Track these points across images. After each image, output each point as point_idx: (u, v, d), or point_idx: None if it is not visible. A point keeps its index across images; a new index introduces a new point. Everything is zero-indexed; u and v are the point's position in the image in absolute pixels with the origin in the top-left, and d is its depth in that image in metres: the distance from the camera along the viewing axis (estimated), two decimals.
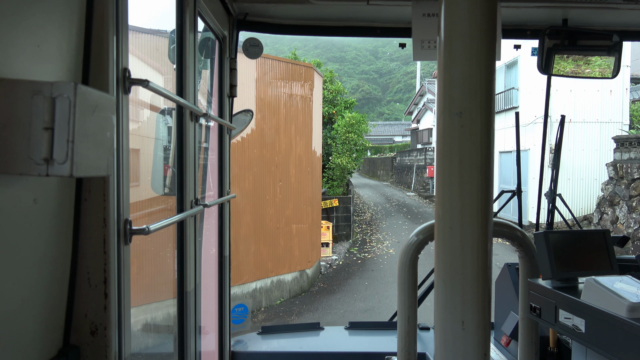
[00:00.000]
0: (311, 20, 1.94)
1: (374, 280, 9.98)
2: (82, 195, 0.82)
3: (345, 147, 15.44)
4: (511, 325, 1.96)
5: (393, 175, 36.49)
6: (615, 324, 1.10)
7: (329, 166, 15.53)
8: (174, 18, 1.32)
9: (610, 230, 1.48)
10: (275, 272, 8.95)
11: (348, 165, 15.24)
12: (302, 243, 9.73)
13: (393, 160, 37.09)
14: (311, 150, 10.04)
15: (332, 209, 13.31)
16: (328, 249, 11.73)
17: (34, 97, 0.57)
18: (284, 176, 9.22)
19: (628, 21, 1.91)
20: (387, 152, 43.98)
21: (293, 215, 9.50)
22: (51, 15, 0.71)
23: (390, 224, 17.25)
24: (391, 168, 37.39)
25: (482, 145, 0.76)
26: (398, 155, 35.72)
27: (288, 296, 9.20)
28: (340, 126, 15.54)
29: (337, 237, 13.44)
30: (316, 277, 10.44)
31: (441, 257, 0.80)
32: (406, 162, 32.68)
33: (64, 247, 0.79)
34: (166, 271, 1.80)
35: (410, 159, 31.60)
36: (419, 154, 29.70)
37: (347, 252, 12.73)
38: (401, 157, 34.59)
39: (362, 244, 13.67)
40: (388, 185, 35.34)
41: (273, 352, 2.16)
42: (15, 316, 0.68)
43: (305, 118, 9.63)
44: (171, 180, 1.51)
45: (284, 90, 9.14)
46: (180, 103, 1.26)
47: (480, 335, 0.79)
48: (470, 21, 0.75)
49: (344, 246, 13.27)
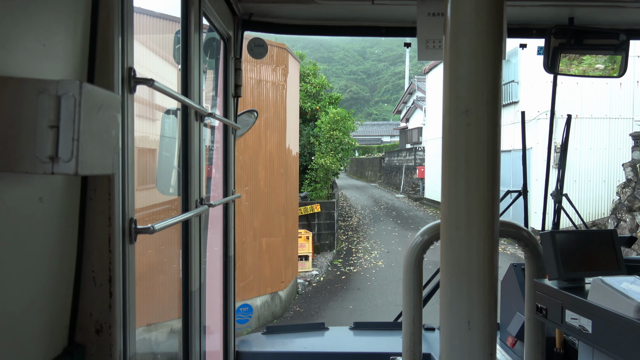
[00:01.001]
0: (316, 20, 2.02)
1: (360, 303, 8.42)
2: (88, 193, 0.85)
3: (329, 146, 14.73)
4: (517, 326, 1.98)
5: (381, 176, 36.66)
6: (623, 325, 1.12)
7: (311, 167, 14.93)
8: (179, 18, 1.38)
9: (617, 230, 1.48)
10: (240, 296, 7.96)
11: (332, 165, 14.55)
12: (274, 260, 8.79)
13: (381, 161, 37.30)
14: (285, 148, 9.18)
15: (313, 216, 11.90)
16: (307, 263, 10.04)
17: (40, 95, 0.59)
18: (251, 180, 8.27)
19: (635, 20, 1.98)
20: (375, 153, 45.49)
21: (263, 226, 8.56)
22: (57, 15, 0.75)
23: (378, 230, 16.78)
24: (379, 169, 37.62)
25: (488, 143, 0.77)
26: (386, 155, 35.93)
27: (257, 324, 8.28)
28: (324, 123, 14.94)
29: (318, 247, 12.86)
30: (292, 299, 9.61)
31: (447, 257, 0.80)
32: (395, 163, 32.74)
33: (70, 245, 0.83)
34: (171, 270, 1.74)
35: (399, 160, 31.52)
36: (408, 154, 29.41)
37: (329, 265, 12.08)
38: (390, 158, 34.61)
39: (347, 255, 13.02)
40: (376, 186, 35.12)
41: (278, 352, 2.22)
42: (21, 314, 0.71)
43: (277, 110, 8.82)
44: (177, 180, 1.52)
45: (250, 75, 8.33)
46: (185, 103, 1.33)
47: (487, 335, 0.80)
48: (477, 20, 0.75)
49: (326, 258, 12.65)
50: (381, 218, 18.87)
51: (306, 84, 16.24)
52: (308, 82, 16.17)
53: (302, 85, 16.25)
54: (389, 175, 33.60)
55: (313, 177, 14.84)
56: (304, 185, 15.33)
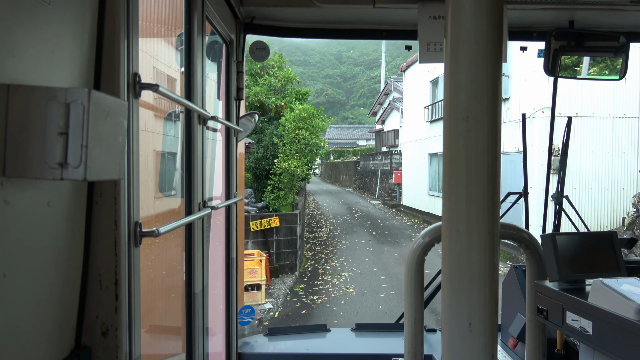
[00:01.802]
0: (317, 24, 2.13)
1: None
2: (94, 198, 0.91)
3: (294, 148, 13.12)
4: (518, 327, 2.07)
5: (356, 181, 36.81)
6: (623, 326, 1.18)
7: (274, 171, 13.43)
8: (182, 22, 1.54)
9: (617, 232, 1.57)
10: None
11: (298, 170, 12.85)
12: None
13: (356, 165, 37.54)
14: None
15: (271, 231, 9.80)
16: (260, 294, 8.04)
17: (49, 102, 0.64)
18: None
19: (635, 22, 2.09)
20: (350, 157, 46.27)
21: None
22: (64, 22, 0.81)
23: (351, 243, 15.30)
24: (354, 173, 37.97)
25: (488, 148, 0.81)
26: (362, 159, 36.00)
27: None
28: (289, 121, 13.44)
29: (277, 269, 11.15)
30: None
31: (448, 259, 0.85)
32: (370, 167, 32.47)
33: (76, 249, 0.89)
34: (175, 273, 1.83)
35: (375, 163, 31.09)
36: (384, 157, 28.96)
37: (289, 293, 10.14)
38: (365, 162, 34.40)
39: (312, 278, 11.20)
40: (351, 191, 34.93)
41: (279, 353, 2.30)
42: (28, 317, 0.76)
43: None
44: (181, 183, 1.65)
45: None
46: (188, 106, 1.42)
47: (488, 336, 0.83)
48: (477, 24, 0.79)
49: (286, 283, 10.75)
50: (354, 229, 16.93)
51: (270, 76, 14.88)
52: (272, 75, 15.07)
53: (266, 79, 15.37)
54: (364, 180, 33.81)
55: (276, 184, 13.41)
56: (266, 193, 13.64)
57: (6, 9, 0.65)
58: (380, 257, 12.86)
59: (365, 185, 32.82)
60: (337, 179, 44.43)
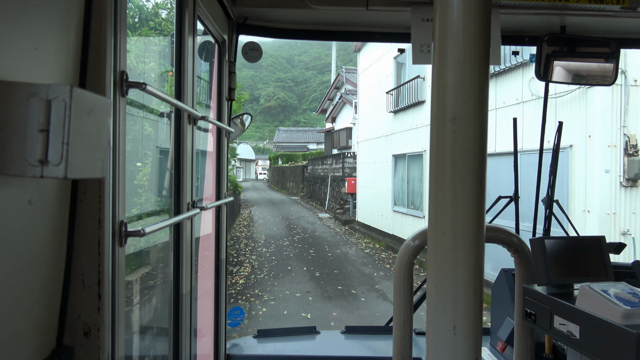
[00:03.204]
0: (310, 25, 2.15)
1: None
2: (78, 196, 0.91)
3: None
4: (507, 331, 2.11)
5: (304, 189, 33.07)
6: (609, 331, 1.19)
7: None
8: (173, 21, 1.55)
9: (605, 237, 1.58)
10: None
11: None
12: None
13: (304, 170, 33.66)
14: None
15: None
16: None
17: (30, 99, 0.63)
18: None
19: (626, 29, 2.16)
20: (299, 161, 42.51)
21: None
22: (49, 18, 0.80)
23: (278, 299, 8.94)
24: (302, 179, 34.13)
25: (475, 150, 0.82)
26: (310, 163, 32.06)
27: None
28: None
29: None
30: None
31: (433, 262, 0.86)
32: (319, 172, 28.45)
33: (59, 248, 0.88)
34: (163, 274, 1.80)
35: (324, 168, 26.98)
36: (335, 161, 24.83)
37: None
38: (313, 166, 30.53)
39: None
40: (297, 201, 30.96)
41: (269, 355, 2.31)
42: (9, 316, 0.76)
43: None
44: (169, 183, 1.66)
45: None
46: (178, 106, 1.43)
47: (472, 340, 0.85)
48: (464, 27, 0.81)
49: None
50: (290, 265, 11.65)
51: None
52: None
53: None
54: (313, 188, 29.70)
55: None
56: None
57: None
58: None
59: (313, 194, 28.72)
60: (283, 186, 40.60)
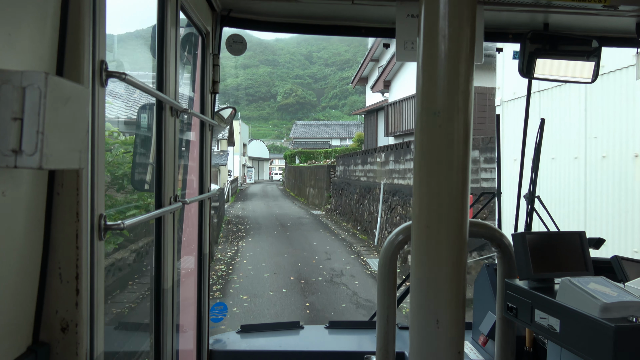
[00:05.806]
0: (296, 18, 2.14)
1: None
2: (55, 188, 0.88)
3: None
4: (488, 325, 2.13)
5: (331, 199, 21.65)
6: (589, 324, 1.20)
7: None
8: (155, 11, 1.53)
9: (585, 232, 1.62)
10: None
11: None
12: None
13: (330, 172, 22.85)
14: None
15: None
16: None
17: (3, 86, 0.60)
18: None
19: (607, 27, 2.21)
20: (321, 159, 31.33)
21: None
22: (24, 3, 0.76)
23: None
24: (328, 185, 23.00)
25: (459, 144, 0.83)
26: (340, 161, 21.32)
27: None
28: None
29: None
30: None
31: (417, 256, 0.86)
32: (356, 176, 17.48)
33: (35, 241, 0.85)
34: (144, 268, 1.79)
35: (368, 170, 15.84)
36: (392, 158, 13.48)
37: None
38: (346, 166, 19.62)
39: None
40: (322, 220, 18.97)
41: (252, 350, 2.29)
42: None
43: None
44: (150, 176, 1.65)
45: None
46: (160, 98, 1.42)
47: (454, 333, 0.85)
48: (450, 22, 0.82)
49: None
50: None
51: None
52: None
53: None
54: (345, 200, 18.55)
55: None
56: None
57: None
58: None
59: (346, 209, 17.78)
60: (301, 192, 29.52)
